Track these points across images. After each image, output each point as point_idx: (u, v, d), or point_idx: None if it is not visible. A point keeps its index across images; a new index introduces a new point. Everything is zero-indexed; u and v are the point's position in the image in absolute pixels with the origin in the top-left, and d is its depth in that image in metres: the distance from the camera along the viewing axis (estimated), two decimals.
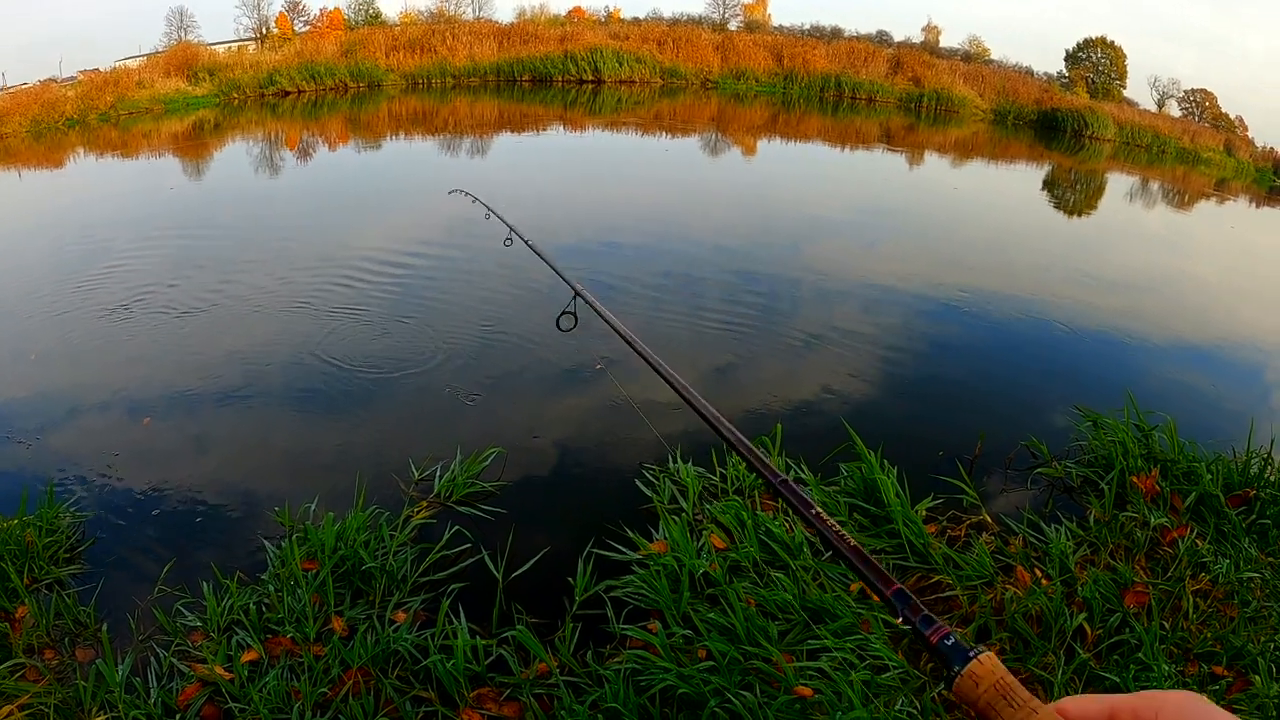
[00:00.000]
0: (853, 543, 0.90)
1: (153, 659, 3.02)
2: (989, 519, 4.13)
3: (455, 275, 7.60)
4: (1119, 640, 3.18)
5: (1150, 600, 3.41)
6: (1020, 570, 3.61)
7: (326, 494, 4.03)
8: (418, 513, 3.90)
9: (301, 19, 32.35)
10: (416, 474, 4.24)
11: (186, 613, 3.24)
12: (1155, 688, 2.72)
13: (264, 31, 31.19)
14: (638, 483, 4.27)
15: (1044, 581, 3.53)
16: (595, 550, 3.65)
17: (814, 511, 0.96)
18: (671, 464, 4.37)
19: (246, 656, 2.94)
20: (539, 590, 3.48)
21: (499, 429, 4.82)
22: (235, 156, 14.41)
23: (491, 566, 3.54)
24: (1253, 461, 4.55)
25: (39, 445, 4.68)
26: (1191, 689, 2.75)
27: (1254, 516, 4.18)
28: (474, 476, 4.19)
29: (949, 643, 0.70)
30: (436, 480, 4.16)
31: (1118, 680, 2.93)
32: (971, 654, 0.67)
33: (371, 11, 33.13)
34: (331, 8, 32.65)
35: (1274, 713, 2.81)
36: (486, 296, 7.02)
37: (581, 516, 4.08)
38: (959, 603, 3.39)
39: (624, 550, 3.68)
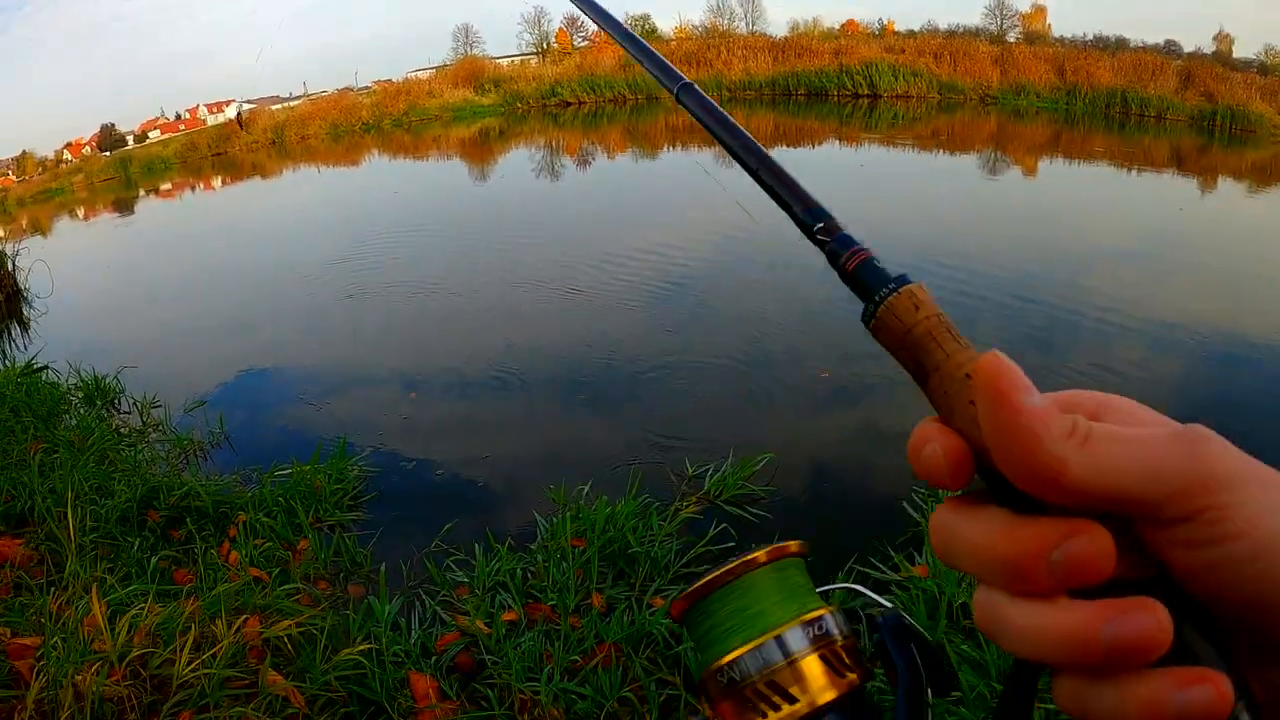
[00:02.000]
0: (764, 151, 0.65)
1: (418, 604, 3.16)
2: None
3: (727, 280, 7.51)
4: None
5: None
6: None
7: (600, 480, 4.06)
8: (686, 507, 3.83)
9: (580, 35, 33.80)
10: (690, 470, 4.17)
11: (455, 569, 3.35)
12: None
13: (545, 46, 32.86)
14: (905, 505, 3.95)
15: None
16: (855, 566, 3.42)
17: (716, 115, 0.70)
18: (942, 491, 4.03)
19: (507, 616, 3.00)
20: None
21: (771, 435, 4.65)
22: (519, 162, 15.04)
23: None
24: None
25: (326, 409, 5.18)
26: None
27: None
28: (744, 479, 4.06)
29: (878, 263, 0.48)
30: (707, 478, 4.07)
31: None
32: (907, 278, 0.46)
33: (648, 26, 34.10)
34: None
35: None
36: (757, 306, 6.86)
37: (845, 530, 3.89)
38: None
39: (883, 570, 3.44)
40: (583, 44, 32.10)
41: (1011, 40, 35.54)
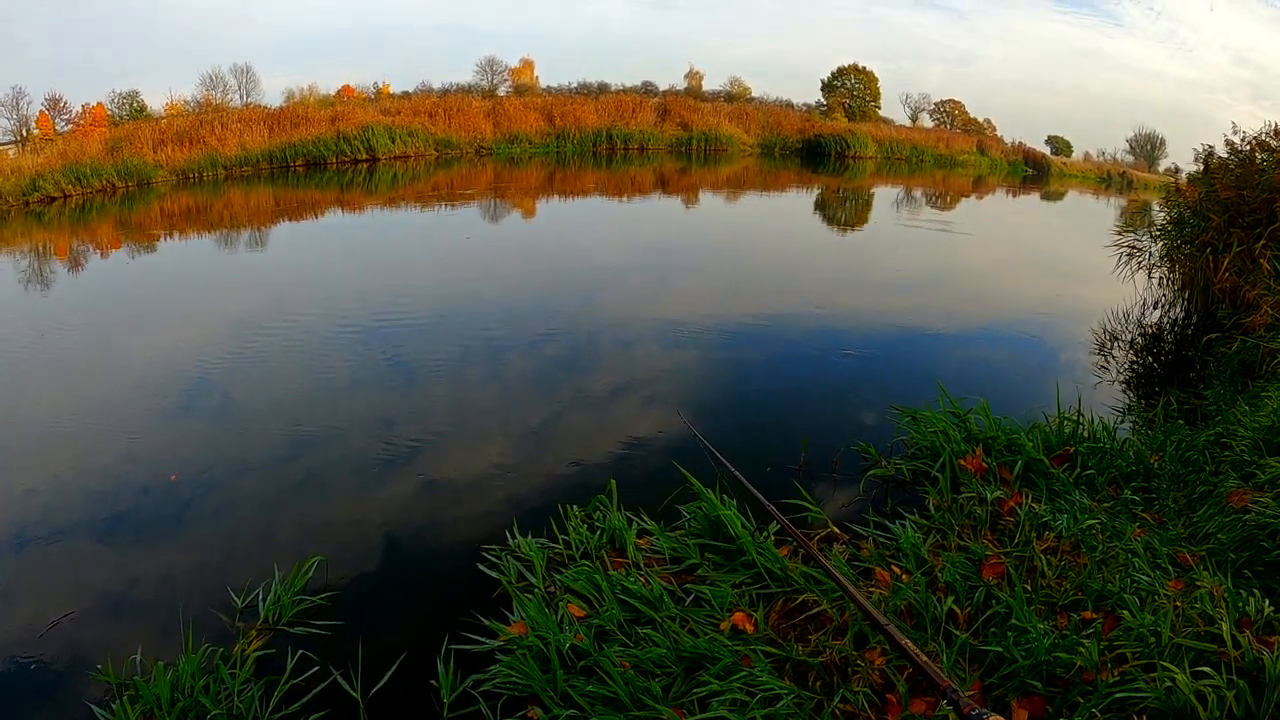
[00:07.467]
0: (924, 658, 1.72)
1: None
2: (836, 529, 4.23)
3: (239, 381, 6.91)
4: (991, 613, 3.29)
5: (1007, 568, 3.58)
6: (879, 571, 3.71)
7: (149, 638, 3.54)
8: (251, 645, 3.48)
9: (63, 117, 30.28)
10: (239, 602, 3.77)
11: None
12: (1035, 647, 2.86)
13: (24, 133, 29.00)
14: (480, 566, 4.04)
15: (904, 577, 3.62)
16: (452, 646, 3.41)
17: (910, 648, 1.84)
18: (510, 539, 4.20)
19: None
20: (404, 700, 3.22)
21: (312, 534, 4.42)
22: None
23: (347, 687, 3.23)
24: (1065, 423, 4.98)
25: None
26: (1071, 639, 2.92)
27: (1078, 470, 4.55)
28: (299, 592, 3.79)
29: (974, 713, 1.27)
30: (261, 605, 3.72)
31: (1001, 650, 3.00)
32: (986, 715, 1.25)
33: (136, 105, 31.39)
34: (94, 104, 30.74)
35: (1153, 640, 2.85)
36: (277, 400, 6.48)
37: (428, 612, 3.80)
38: (829, 616, 3.37)
39: (482, 639, 3.47)
40: (66, 128, 28.77)
41: (503, 94, 37.89)
